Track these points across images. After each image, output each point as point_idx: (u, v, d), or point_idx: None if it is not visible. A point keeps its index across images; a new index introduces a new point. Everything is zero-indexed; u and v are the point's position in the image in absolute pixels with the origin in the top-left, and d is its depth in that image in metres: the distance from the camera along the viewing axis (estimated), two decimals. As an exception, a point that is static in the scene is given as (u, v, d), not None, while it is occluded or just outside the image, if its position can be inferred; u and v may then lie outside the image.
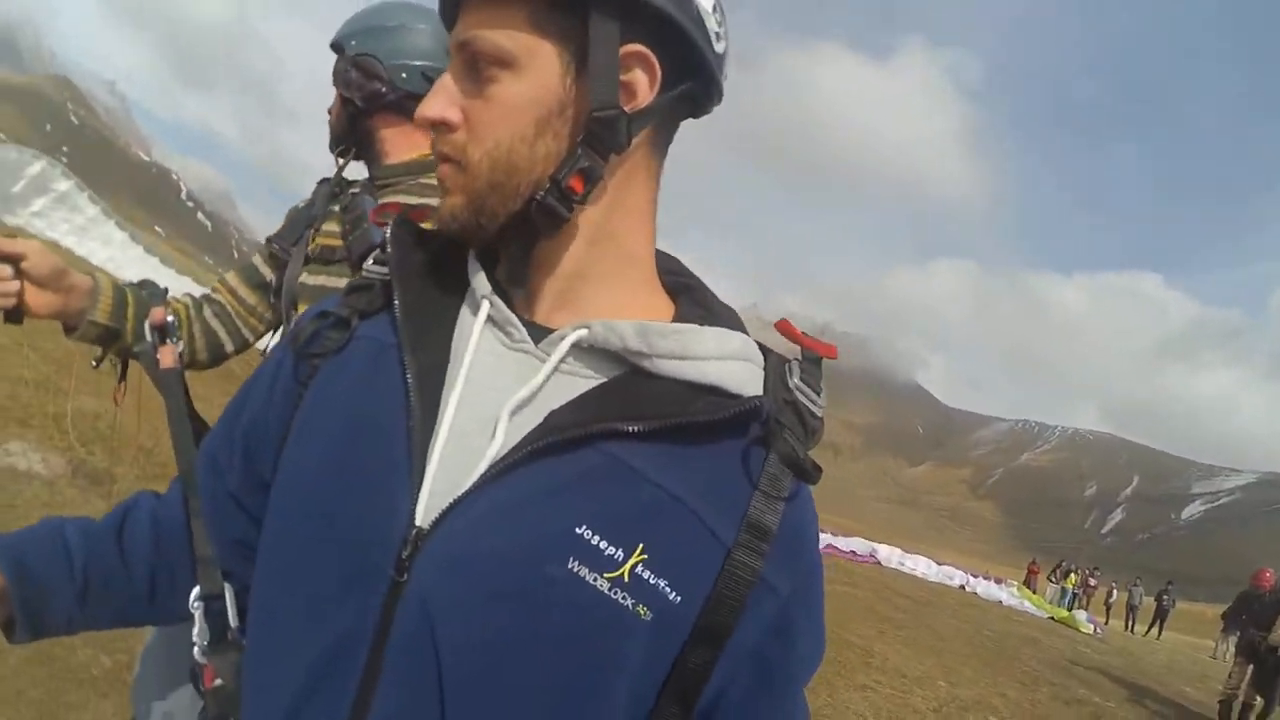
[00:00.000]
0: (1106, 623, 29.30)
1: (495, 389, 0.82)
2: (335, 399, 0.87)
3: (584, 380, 0.84)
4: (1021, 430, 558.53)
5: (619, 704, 0.77)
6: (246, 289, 2.01)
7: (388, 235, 0.94)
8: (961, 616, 17.72)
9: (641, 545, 0.75)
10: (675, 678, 0.78)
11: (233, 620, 0.97)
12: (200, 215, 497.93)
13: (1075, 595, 33.17)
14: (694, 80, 0.87)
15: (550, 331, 0.86)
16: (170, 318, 1.52)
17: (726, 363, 0.84)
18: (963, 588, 26.37)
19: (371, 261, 0.96)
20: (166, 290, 1.80)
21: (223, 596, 0.98)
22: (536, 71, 0.81)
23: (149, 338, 1.54)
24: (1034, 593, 29.95)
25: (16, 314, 1.60)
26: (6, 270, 1.54)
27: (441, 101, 0.84)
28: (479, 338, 0.85)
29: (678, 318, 0.90)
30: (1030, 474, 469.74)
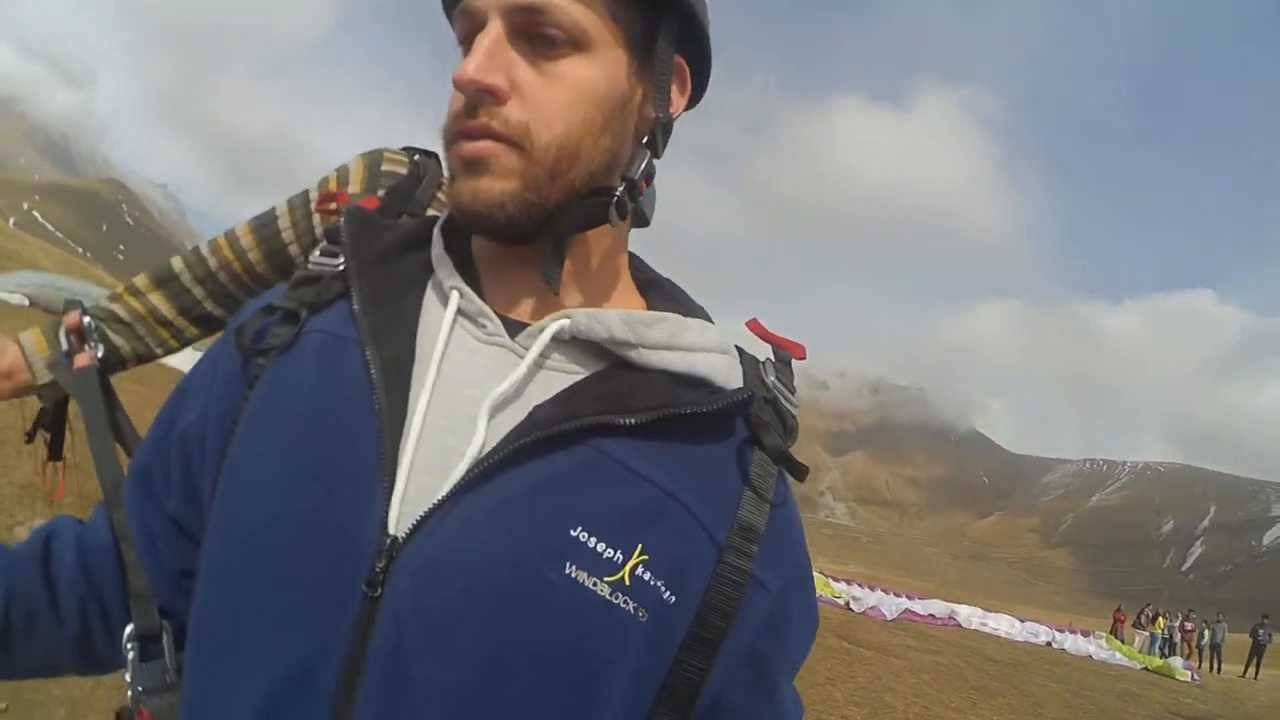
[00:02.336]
0: (1200, 665, 28.39)
1: (469, 385, 0.78)
2: (287, 399, 0.79)
3: (565, 375, 0.81)
4: (1089, 471, 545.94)
5: (616, 710, 0.73)
6: (259, 254, 1.65)
7: (340, 224, 0.90)
8: (1055, 677, 17.25)
9: (640, 546, 0.73)
10: (672, 682, 0.75)
11: (170, 661, 0.89)
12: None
13: (1167, 640, 32.11)
14: (696, 101, 0.91)
15: (522, 324, 0.83)
16: (87, 320, 1.40)
17: (709, 355, 0.82)
18: (1049, 644, 25.58)
19: (318, 253, 0.91)
20: (79, 303, 1.53)
21: (160, 636, 0.89)
22: (609, 61, 0.79)
23: (64, 345, 1.39)
24: (1122, 642, 29.17)
25: None
26: None
27: (491, 65, 0.75)
28: (449, 331, 0.81)
29: (652, 310, 0.89)
30: (1102, 516, 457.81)
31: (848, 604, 22.02)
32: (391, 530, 0.70)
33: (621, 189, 0.81)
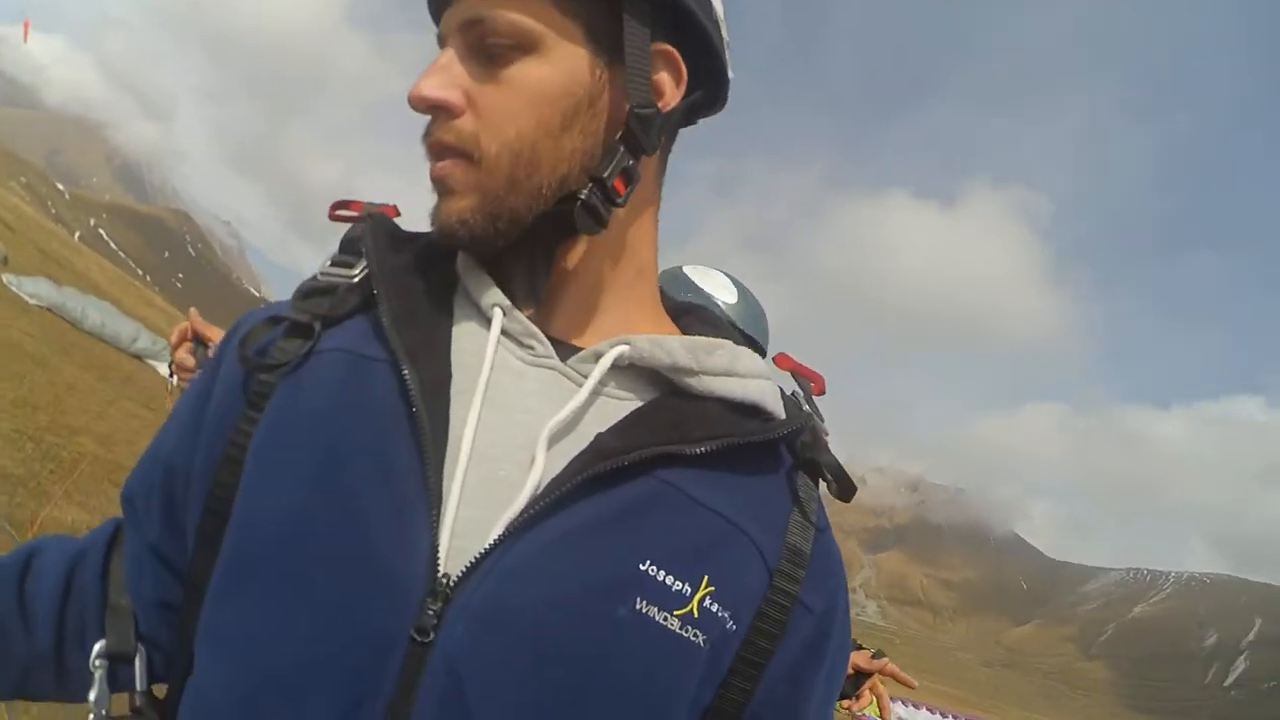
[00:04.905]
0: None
1: (521, 410, 0.74)
2: (302, 426, 0.73)
3: (621, 401, 0.78)
4: (1132, 580, 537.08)
5: None
6: None
7: (362, 232, 0.84)
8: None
9: (707, 577, 0.71)
10: (718, 704, 0.74)
11: (140, 684, 0.80)
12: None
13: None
14: (708, 87, 0.84)
15: (571, 347, 0.80)
16: None
17: (760, 381, 0.81)
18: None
19: (329, 263, 0.85)
20: None
21: (132, 658, 0.81)
22: (563, 57, 0.74)
23: None
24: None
25: None
26: (189, 361, 1.65)
27: (440, 81, 0.73)
28: (493, 352, 0.76)
29: (681, 329, 0.90)
30: (1144, 627, 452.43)
31: (892, 726, 22.89)
32: (442, 568, 0.66)
33: (587, 191, 0.76)
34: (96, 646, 0.80)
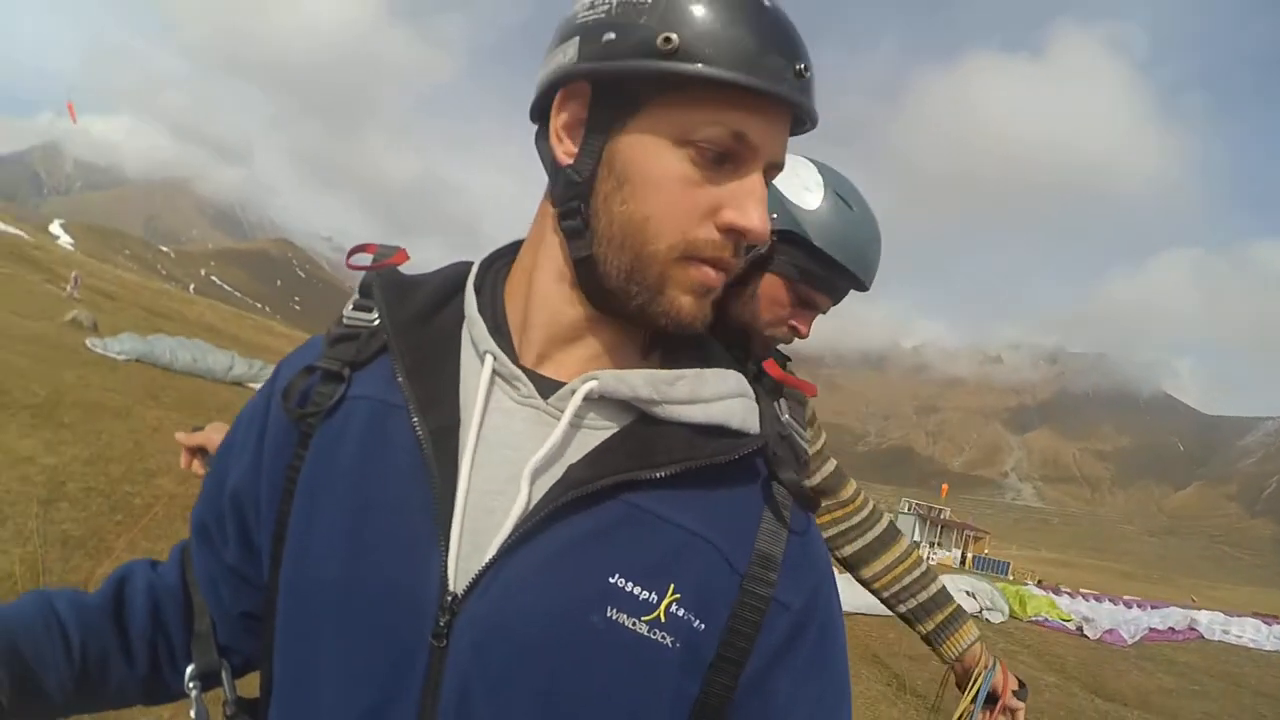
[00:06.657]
0: None
1: (508, 447, 0.84)
2: (340, 466, 0.86)
3: (595, 431, 0.86)
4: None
5: None
6: None
7: (373, 282, 0.95)
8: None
9: (673, 585, 0.80)
10: (703, 699, 0.82)
11: (228, 694, 0.96)
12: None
13: None
14: None
15: (552, 381, 0.88)
16: None
17: (728, 401, 0.88)
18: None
19: (351, 307, 0.96)
20: None
21: (219, 673, 0.98)
22: None
23: None
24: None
25: None
26: (198, 467, 1.60)
27: (765, 213, 0.83)
28: (485, 395, 0.86)
29: (665, 352, 0.95)
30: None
31: (1080, 629, 19.76)
32: (451, 587, 0.78)
33: None
34: (188, 670, 0.97)
